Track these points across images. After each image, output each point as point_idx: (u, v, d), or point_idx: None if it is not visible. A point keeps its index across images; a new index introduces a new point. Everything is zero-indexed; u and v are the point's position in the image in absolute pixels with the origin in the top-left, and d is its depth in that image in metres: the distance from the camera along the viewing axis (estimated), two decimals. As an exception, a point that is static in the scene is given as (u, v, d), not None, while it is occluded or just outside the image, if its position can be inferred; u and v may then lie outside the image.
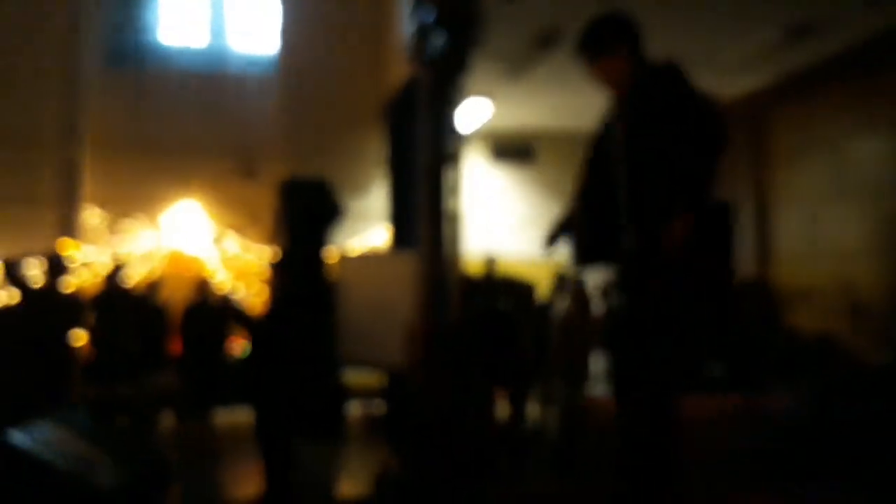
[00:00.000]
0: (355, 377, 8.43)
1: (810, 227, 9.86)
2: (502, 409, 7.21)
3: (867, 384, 3.69)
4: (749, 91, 10.73)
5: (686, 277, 2.79)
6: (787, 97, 10.20)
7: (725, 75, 10.21)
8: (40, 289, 6.35)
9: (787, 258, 10.31)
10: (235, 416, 7.33)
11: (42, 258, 6.47)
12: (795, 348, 8.25)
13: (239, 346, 7.63)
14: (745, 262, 10.37)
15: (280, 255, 6.57)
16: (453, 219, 6.15)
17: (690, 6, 7.94)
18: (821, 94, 9.54)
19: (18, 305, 6.08)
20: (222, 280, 10.84)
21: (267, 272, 5.88)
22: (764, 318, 8.81)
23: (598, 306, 9.14)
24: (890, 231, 8.50)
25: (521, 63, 9.13)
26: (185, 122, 11.86)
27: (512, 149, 12.81)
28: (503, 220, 12.08)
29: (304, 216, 8.94)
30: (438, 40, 5.69)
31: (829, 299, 7.75)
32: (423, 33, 5.85)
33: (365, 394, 8.59)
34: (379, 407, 8.04)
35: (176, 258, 11.29)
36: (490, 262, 9.32)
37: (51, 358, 5.72)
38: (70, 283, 7.52)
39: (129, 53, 12.48)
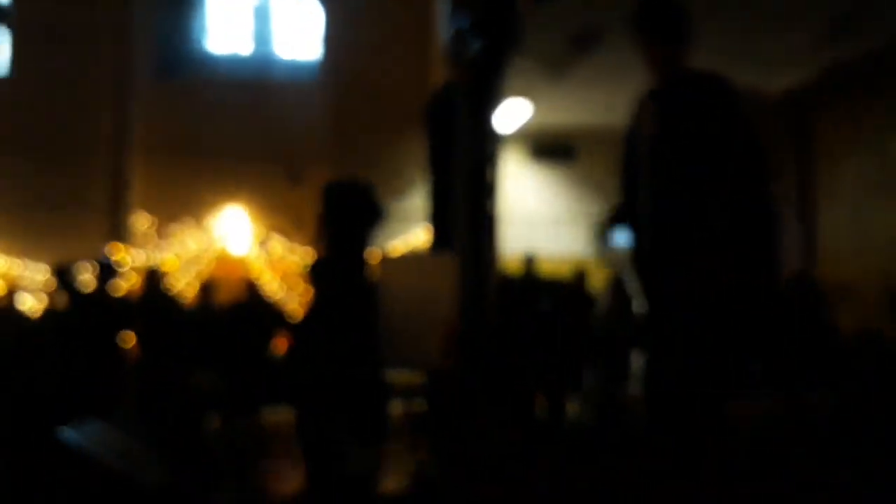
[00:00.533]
0: (397, 376, 8.50)
1: (855, 223, 9.65)
2: (541, 407, 7.20)
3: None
4: (794, 86, 10.53)
5: (723, 280, 2.72)
6: (832, 92, 9.98)
7: (770, 70, 10.06)
8: (90, 293, 6.52)
9: (832, 254, 10.11)
10: (280, 416, 7.44)
11: (92, 263, 6.64)
12: (839, 346, 8.09)
13: (282, 346, 7.74)
14: (790, 258, 10.21)
15: (318, 257, 6.64)
16: (491, 219, 6.19)
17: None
18: (865, 90, 9.32)
19: (69, 309, 6.24)
20: (268, 282, 11.00)
21: (306, 274, 5.94)
22: (809, 315, 8.63)
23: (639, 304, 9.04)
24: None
25: (560, 63, 9.11)
26: (231, 129, 12.08)
27: (552, 148, 12.76)
28: (544, 220, 12.05)
29: (346, 218, 9.06)
30: (475, 43, 5.74)
31: (873, 295, 7.58)
32: (460, 37, 5.91)
33: (406, 393, 8.65)
34: (419, 406, 8.07)
35: (223, 261, 11.49)
36: (529, 262, 9.30)
37: (101, 360, 5.87)
38: (120, 287, 7.71)
39: (178, 62, 12.73)
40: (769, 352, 7.55)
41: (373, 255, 8.83)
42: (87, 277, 6.69)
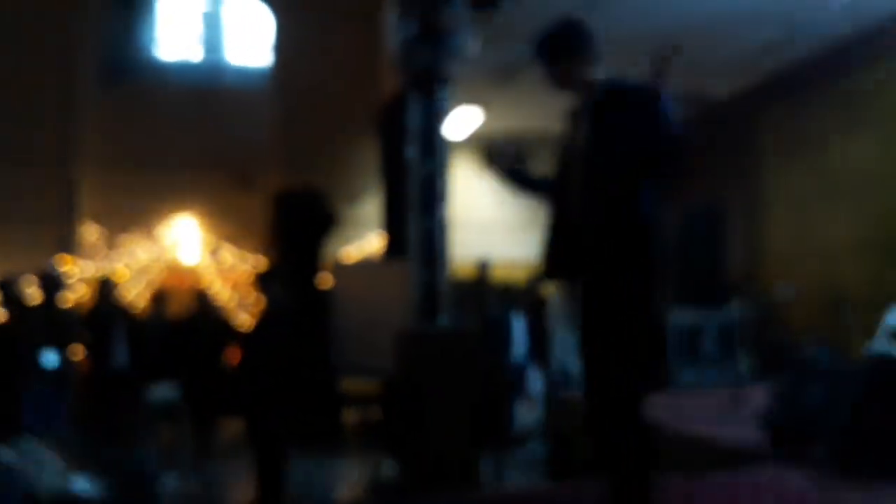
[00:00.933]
0: (352, 384, 8.49)
1: (799, 227, 9.90)
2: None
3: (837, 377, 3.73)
4: (738, 91, 10.78)
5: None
6: (774, 97, 10.24)
7: (715, 76, 10.30)
8: (35, 305, 6.38)
9: (778, 258, 10.36)
10: (235, 426, 7.38)
11: (38, 275, 6.50)
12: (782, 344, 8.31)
13: (234, 357, 7.66)
14: (736, 260, 10.45)
15: (267, 264, 6.62)
16: (442, 226, 6.24)
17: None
18: (807, 95, 9.58)
19: (11, 322, 6.07)
20: (219, 292, 10.88)
21: (255, 282, 5.91)
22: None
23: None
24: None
25: (509, 70, 9.19)
26: (180, 137, 11.91)
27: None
28: (497, 226, 12.13)
29: (297, 226, 9.04)
30: (422, 52, 5.80)
31: (817, 300, 7.80)
32: (407, 46, 5.96)
33: (361, 400, 8.64)
34: (375, 413, 8.07)
35: (174, 271, 11.33)
36: (483, 268, 9.38)
37: (44, 374, 5.75)
38: (67, 299, 7.56)
39: (126, 69, 12.54)
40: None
41: (325, 262, 8.86)
42: (32, 290, 6.54)
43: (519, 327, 8.04)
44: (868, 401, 3.36)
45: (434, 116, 6.11)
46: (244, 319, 9.83)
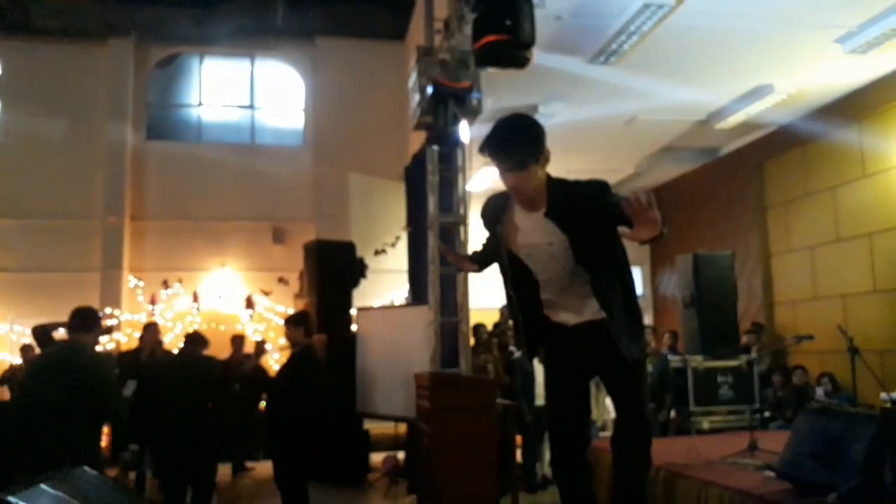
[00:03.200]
0: (376, 427, 8.39)
1: (809, 273, 9.74)
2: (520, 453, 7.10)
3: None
4: (747, 141, 10.76)
5: None
6: (782, 146, 10.18)
7: (724, 135, 10.31)
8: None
9: (789, 304, 10.18)
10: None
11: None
12: (797, 390, 8.10)
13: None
14: (752, 307, 10.28)
15: (295, 311, 6.63)
16: (461, 274, 6.21)
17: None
18: (815, 143, 9.52)
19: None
20: (254, 339, 10.88)
21: (285, 329, 5.89)
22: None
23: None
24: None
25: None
26: (218, 192, 12.11)
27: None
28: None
29: (329, 275, 9.07)
30: (439, 112, 5.86)
31: (829, 343, 7.62)
32: (425, 105, 6.02)
33: (386, 443, 8.53)
34: (400, 456, 7.94)
35: (212, 320, 11.37)
36: (505, 312, 9.29)
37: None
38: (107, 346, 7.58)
39: (168, 127, 12.87)
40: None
41: (353, 308, 8.82)
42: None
43: (541, 370, 7.92)
44: (882, 448, 3.22)
45: (452, 172, 6.13)
46: (269, 367, 9.79)
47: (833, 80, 8.46)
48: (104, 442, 9.42)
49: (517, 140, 2.80)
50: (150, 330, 8.07)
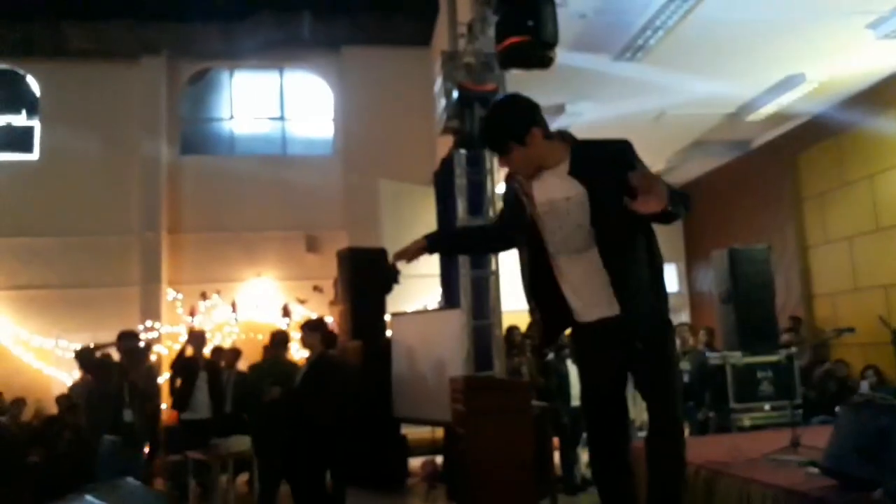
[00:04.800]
0: (413, 432, 8.39)
1: (848, 264, 9.52)
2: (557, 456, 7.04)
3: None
4: (780, 133, 10.58)
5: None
6: (816, 136, 9.98)
7: (755, 127, 10.14)
8: (117, 365, 6.53)
9: (828, 296, 9.96)
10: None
11: (120, 337, 6.68)
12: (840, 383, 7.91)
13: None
14: (791, 300, 10.08)
15: (312, 318, 6.68)
16: (493, 277, 6.19)
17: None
18: (846, 133, 9.31)
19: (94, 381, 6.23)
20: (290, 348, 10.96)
21: (301, 335, 5.93)
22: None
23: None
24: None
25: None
26: (252, 203, 12.25)
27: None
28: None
29: (362, 282, 9.11)
30: (466, 115, 5.84)
31: (871, 335, 7.44)
32: (452, 109, 6.01)
33: (423, 448, 8.51)
34: (438, 460, 7.92)
35: (250, 329, 11.49)
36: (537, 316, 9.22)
37: (121, 429, 5.84)
38: (148, 359, 7.69)
39: (201, 141, 13.07)
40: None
41: (386, 314, 8.82)
42: (114, 352, 6.68)
43: (576, 373, 7.84)
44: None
45: (480, 175, 6.11)
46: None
47: (866, 66, 8.27)
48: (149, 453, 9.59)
49: (492, 130, 2.89)
50: (198, 337, 8.14)
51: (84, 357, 6.35)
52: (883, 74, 8.55)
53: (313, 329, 5.82)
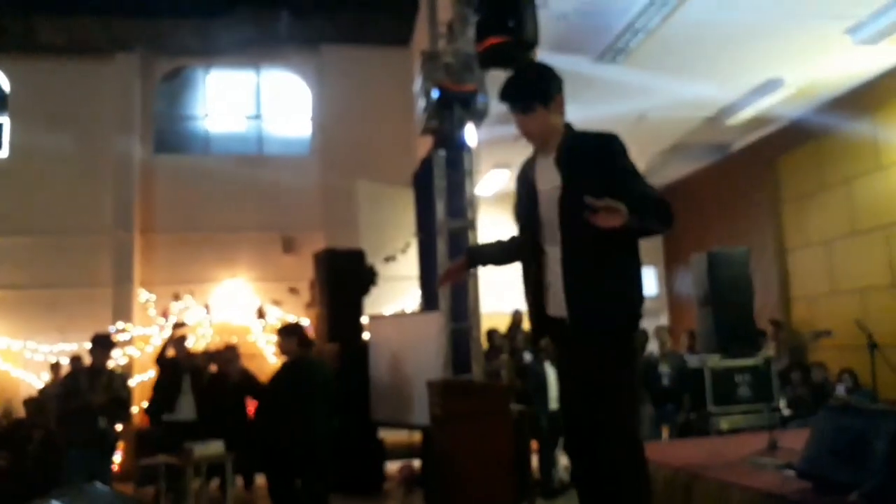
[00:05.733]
0: (390, 435, 8.37)
1: (827, 267, 9.66)
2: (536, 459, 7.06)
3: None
4: (759, 136, 10.70)
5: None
6: (795, 140, 10.11)
7: (735, 131, 10.25)
8: (89, 370, 6.47)
9: (806, 299, 10.10)
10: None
11: (93, 341, 6.62)
12: (817, 386, 8.01)
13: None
14: (769, 303, 10.19)
15: (286, 321, 6.65)
16: (472, 280, 6.19)
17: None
18: (825, 136, 9.44)
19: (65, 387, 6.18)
20: (265, 350, 10.91)
21: (278, 339, 5.91)
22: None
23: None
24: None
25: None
26: (227, 203, 12.15)
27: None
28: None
29: (339, 284, 9.08)
30: (446, 116, 5.84)
31: (848, 338, 7.55)
32: (431, 109, 6.01)
33: (401, 451, 8.49)
34: (416, 464, 7.91)
35: (224, 331, 11.40)
36: (516, 318, 9.26)
37: (92, 433, 5.79)
38: (118, 363, 7.61)
39: (176, 140, 12.95)
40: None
41: (363, 316, 8.80)
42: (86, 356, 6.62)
43: (554, 376, 7.88)
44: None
45: (460, 176, 6.11)
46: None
47: (844, 71, 8.39)
48: (120, 457, 9.48)
49: (524, 83, 2.88)
50: (181, 337, 8.04)
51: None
52: (861, 79, 8.68)
53: (290, 333, 5.80)
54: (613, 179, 2.68)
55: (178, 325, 8.21)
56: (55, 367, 9.68)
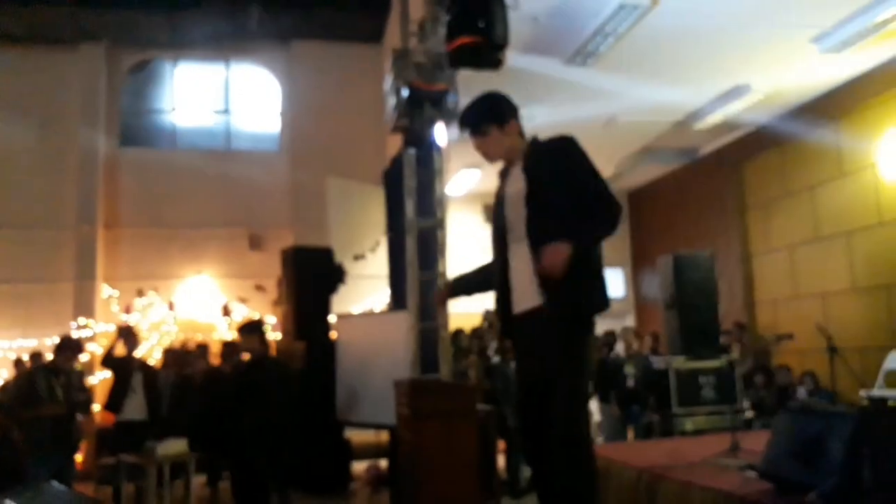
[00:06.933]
0: (357, 435, 8.35)
1: (790, 272, 9.84)
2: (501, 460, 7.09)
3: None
4: (726, 142, 10.87)
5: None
6: (761, 146, 10.28)
7: (703, 135, 10.40)
8: (47, 367, 6.37)
9: (770, 303, 10.28)
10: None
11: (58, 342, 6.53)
12: (779, 389, 8.16)
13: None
14: (734, 306, 10.35)
15: (246, 320, 6.62)
16: (441, 279, 6.19)
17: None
18: (790, 143, 9.62)
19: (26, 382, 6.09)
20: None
21: (239, 336, 5.88)
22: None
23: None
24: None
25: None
26: (194, 198, 12.02)
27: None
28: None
29: (307, 282, 9.03)
30: (414, 114, 5.85)
31: (809, 341, 7.70)
32: (402, 108, 6.01)
33: (368, 451, 8.48)
34: (383, 464, 7.90)
35: (188, 328, 11.28)
36: (486, 318, 9.30)
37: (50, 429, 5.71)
38: (79, 360, 7.49)
39: (143, 134, 12.76)
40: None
41: (331, 315, 8.77)
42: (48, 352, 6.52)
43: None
44: (860, 446, 3.24)
45: (430, 175, 6.12)
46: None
47: (810, 79, 8.56)
48: (80, 456, 9.33)
49: (478, 110, 3.18)
50: (130, 334, 7.89)
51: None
52: (826, 87, 8.86)
53: (251, 331, 5.75)
54: (570, 178, 2.92)
55: (123, 328, 8.04)
56: (18, 364, 9.47)
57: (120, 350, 7.65)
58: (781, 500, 3.54)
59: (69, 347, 6.52)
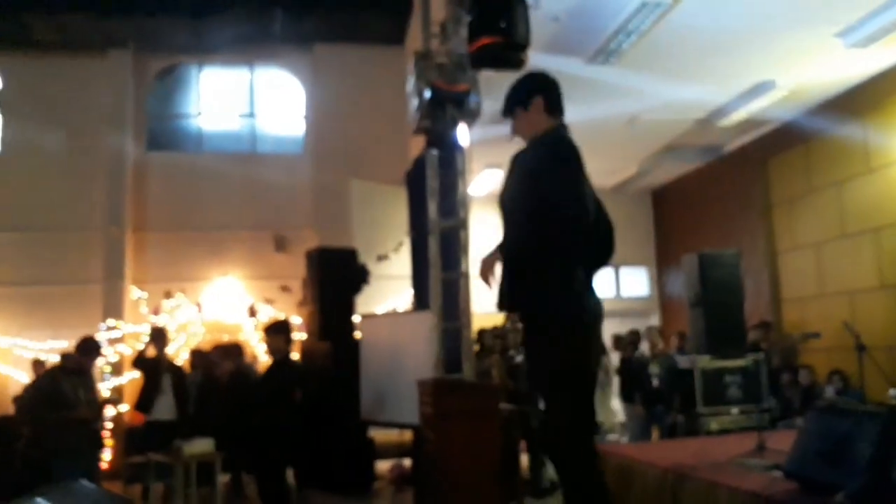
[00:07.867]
0: (381, 434, 8.37)
1: (815, 268, 9.70)
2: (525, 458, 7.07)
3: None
4: (751, 139, 10.75)
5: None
6: (786, 142, 10.15)
7: (726, 133, 10.29)
8: (77, 367, 6.46)
9: (796, 301, 10.14)
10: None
11: (80, 340, 6.62)
12: (806, 388, 8.05)
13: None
14: (760, 305, 10.22)
15: (272, 320, 6.67)
16: (465, 278, 6.19)
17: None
18: (816, 139, 9.48)
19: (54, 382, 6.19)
20: (257, 348, 10.89)
21: (264, 337, 5.92)
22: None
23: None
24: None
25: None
26: (220, 201, 12.14)
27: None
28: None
29: (331, 282, 9.08)
30: (438, 115, 5.84)
31: (837, 339, 7.58)
32: (424, 109, 6.01)
33: (392, 451, 8.50)
34: (406, 463, 7.92)
35: (215, 330, 11.37)
36: (512, 317, 9.26)
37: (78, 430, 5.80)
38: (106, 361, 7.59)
39: (168, 138, 12.91)
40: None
41: (356, 315, 8.78)
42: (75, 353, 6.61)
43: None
44: (889, 446, 3.18)
45: (452, 175, 6.11)
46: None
47: (835, 75, 8.44)
48: (110, 455, 9.46)
49: (508, 94, 3.24)
50: (161, 335, 8.00)
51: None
52: (851, 83, 8.73)
53: (277, 332, 5.79)
54: (534, 183, 2.92)
55: (156, 329, 8.16)
56: (36, 364, 9.60)
57: (150, 351, 7.76)
58: (808, 501, 3.50)
59: (92, 349, 6.60)
